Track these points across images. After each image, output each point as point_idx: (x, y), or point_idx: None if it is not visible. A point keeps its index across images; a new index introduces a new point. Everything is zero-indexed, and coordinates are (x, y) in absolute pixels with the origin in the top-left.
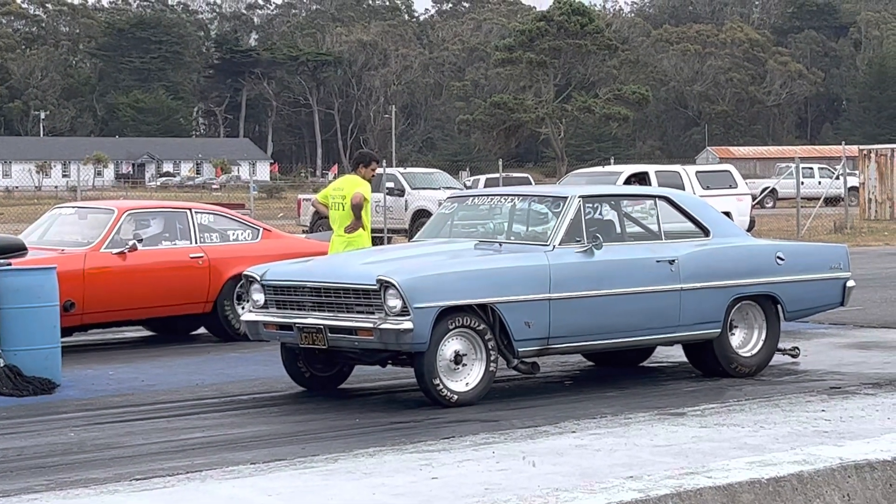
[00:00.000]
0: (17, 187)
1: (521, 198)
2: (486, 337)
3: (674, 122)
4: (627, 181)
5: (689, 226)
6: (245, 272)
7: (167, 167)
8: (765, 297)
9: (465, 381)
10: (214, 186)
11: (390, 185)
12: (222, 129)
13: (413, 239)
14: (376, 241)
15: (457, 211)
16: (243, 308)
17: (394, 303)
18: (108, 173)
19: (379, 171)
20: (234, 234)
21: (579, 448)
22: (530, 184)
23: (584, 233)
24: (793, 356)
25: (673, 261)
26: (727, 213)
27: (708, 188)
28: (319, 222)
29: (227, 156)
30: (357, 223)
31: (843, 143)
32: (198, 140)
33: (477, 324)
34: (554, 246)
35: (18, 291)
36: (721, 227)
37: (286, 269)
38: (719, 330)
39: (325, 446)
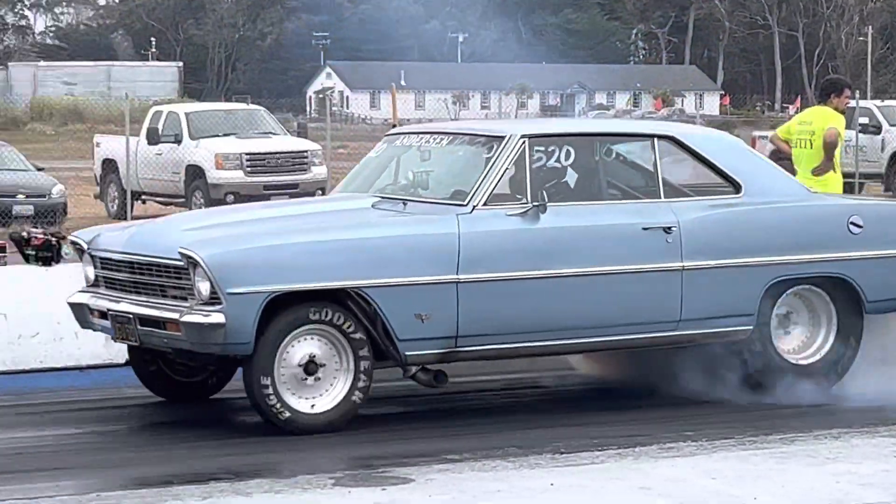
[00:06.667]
0: (430, 119)
1: (450, 137)
2: (351, 333)
3: None
4: None
5: (714, 178)
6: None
7: (600, 98)
8: (832, 281)
9: (329, 396)
10: None
11: (864, 120)
12: (665, 54)
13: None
14: (847, 188)
15: (385, 154)
16: None
17: (203, 286)
18: (533, 104)
19: (851, 103)
20: None
21: None
22: None
23: (528, 189)
24: None
25: (669, 228)
26: None
27: None
28: (779, 163)
29: (669, 86)
30: (828, 164)
31: None
32: (636, 67)
33: (338, 318)
34: (473, 207)
35: None
36: (760, 180)
37: (114, 237)
38: (750, 327)
39: None
